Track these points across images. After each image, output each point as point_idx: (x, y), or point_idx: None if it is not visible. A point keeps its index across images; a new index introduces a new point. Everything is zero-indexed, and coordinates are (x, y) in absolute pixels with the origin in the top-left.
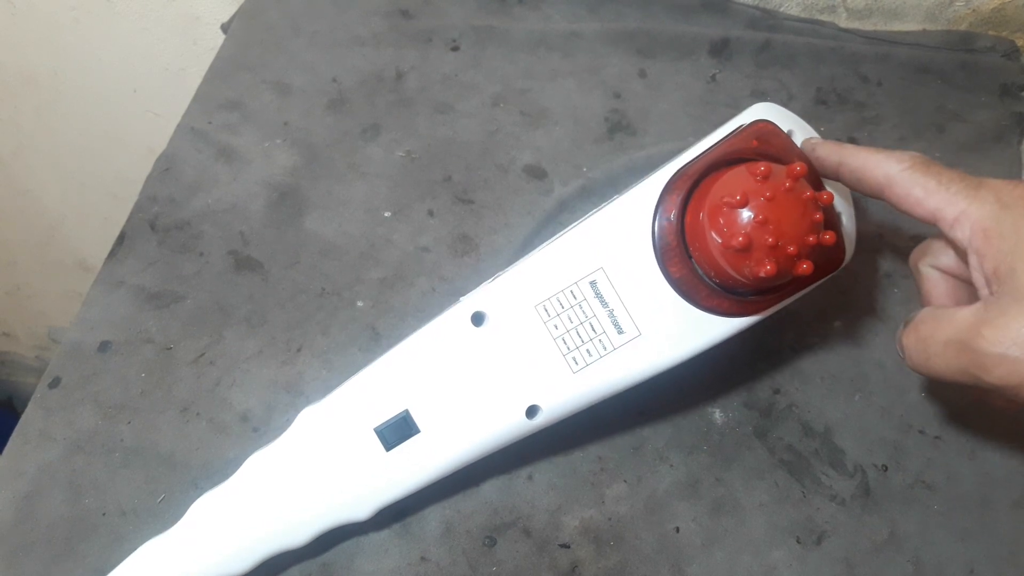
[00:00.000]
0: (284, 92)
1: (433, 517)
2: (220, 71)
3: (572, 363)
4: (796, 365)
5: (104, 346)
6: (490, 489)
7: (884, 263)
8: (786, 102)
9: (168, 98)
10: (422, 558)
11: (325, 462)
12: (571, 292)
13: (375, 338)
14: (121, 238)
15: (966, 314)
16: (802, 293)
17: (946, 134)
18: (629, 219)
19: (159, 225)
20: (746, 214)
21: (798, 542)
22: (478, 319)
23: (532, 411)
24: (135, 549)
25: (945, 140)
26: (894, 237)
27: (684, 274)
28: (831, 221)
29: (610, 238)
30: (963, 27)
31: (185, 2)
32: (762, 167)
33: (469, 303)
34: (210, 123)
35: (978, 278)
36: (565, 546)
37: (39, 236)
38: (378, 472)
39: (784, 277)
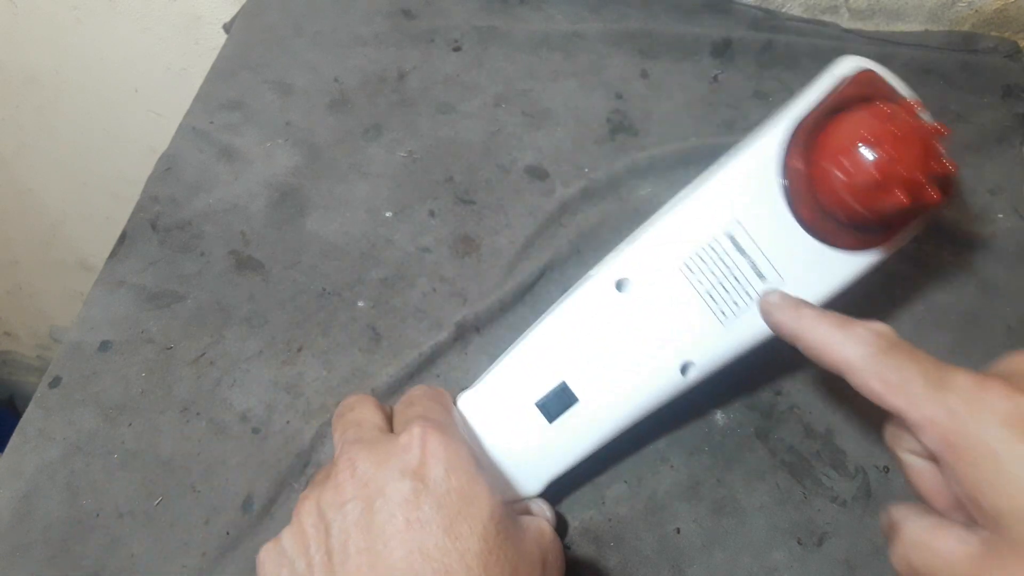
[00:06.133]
0: (286, 92)
1: None
2: (222, 71)
3: (721, 316)
4: (798, 366)
5: (105, 345)
6: None
7: (886, 263)
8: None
9: (170, 98)
10: None
11: (492, 443)
12: (711, 247)
13: (376, 338)
14: (122, 238)
15: (962, 556)
16: (920, 223)
17: (948, 135)
18: (756, 171)
19: (160, 225)
20: (879, 152)
21: (799, 543)
22: (621, 285)
23: (686, 367)
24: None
25: (947, 141)
26: None
27: (816, 217)
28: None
29: (741, 191)
30: (966, 28)
31: (187, 2)
32: (887, 108)
33: (609, 271)
34: (212, 123)
35: (958, 492)
36: (564, 547)
37: (41, 235)
38: (545, 445)
39: (917, 207)
